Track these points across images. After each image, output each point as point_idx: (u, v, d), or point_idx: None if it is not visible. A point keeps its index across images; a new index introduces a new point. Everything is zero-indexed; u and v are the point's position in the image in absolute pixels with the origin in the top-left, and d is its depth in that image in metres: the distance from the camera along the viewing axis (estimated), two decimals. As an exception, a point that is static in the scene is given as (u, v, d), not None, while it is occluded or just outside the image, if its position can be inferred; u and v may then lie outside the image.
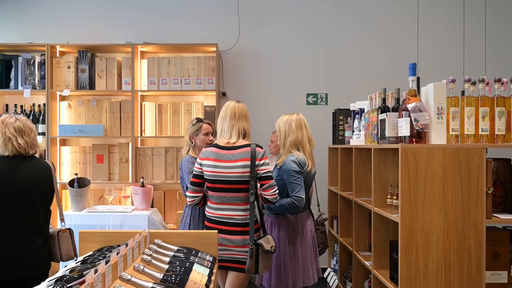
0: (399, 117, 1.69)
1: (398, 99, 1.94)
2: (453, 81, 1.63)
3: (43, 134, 3.37)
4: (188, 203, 1.91)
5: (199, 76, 3.43)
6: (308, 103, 3.77)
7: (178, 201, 3.54)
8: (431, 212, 1.49)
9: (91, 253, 1.43)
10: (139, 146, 3.50)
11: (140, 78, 3.53)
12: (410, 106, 1.62)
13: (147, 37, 3.64)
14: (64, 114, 3.55)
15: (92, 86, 3.44)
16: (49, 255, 1.87)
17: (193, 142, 2.36)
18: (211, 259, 1.42)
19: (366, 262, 1.95)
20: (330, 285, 2.35)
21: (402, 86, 3.85)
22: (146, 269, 1.10)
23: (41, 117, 3.40)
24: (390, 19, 3.75)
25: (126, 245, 1.40)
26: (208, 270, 1.29)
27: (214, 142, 1.89)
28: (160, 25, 3.71)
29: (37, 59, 3.42)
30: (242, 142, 1.83)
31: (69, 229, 1.91)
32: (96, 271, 1.10)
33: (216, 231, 1.48)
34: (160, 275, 1.11)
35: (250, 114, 3.68)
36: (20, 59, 3.40)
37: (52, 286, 0.96)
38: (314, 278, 2.00)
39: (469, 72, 3.53)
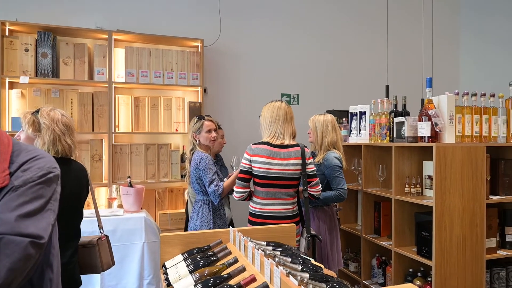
0: (419, 120, 2.05)
1: (405, 105, 2.32)
2: (457, 93, 2.07)
3: (-7, 129, 2.81)
4: (236, 198, 1.93)
5: (182, 71, 3.33)
6: (282, 102, 3.99)
7: (158, 200, 3.39)
8: (454, 197, 1.89)
9: (180, 258, 1.39)
10: (113, 142, 3.21)
11: (114, 68, 3.23)
12: (431, 112, 1.98)
13: (120, 25, 3.34)
14: (15, 105, 3.02)
15: (55, 74, 3.01)
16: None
17: (197, 141, 2.34)
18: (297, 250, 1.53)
19: (383, 243, 2.30)
20: (326, 268, 2.64)
21: (371, 89, 4.33)
22: (286, 263, 1.18)
23: (-12, 109, 2.83)
24: (364, 25, 4.16)
25: (219, 245, 1.40)
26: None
27: (264, 140, 1.95)
28: (134, 13, 3.44)
29: (-20, 37, 2.82)
30: (292, 141, 1.95)
31: (106, 235, 1.75)
32: (241, 270, 1.12)
33: (294, 224, 1.59)
34: (298, 267, 1.19)
35: (227, 112, 3.75)
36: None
37: None
38: (342, 262, 2.26)
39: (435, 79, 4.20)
